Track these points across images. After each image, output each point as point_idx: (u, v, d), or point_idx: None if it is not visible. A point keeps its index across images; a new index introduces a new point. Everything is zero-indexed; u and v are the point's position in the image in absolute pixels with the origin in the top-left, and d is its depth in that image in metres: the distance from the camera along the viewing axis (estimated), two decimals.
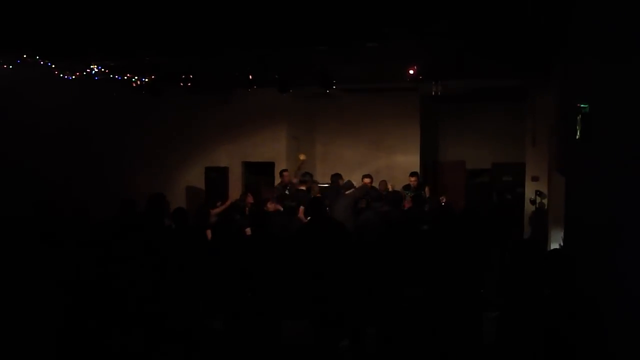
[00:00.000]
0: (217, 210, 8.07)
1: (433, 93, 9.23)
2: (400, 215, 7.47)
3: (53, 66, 8.32)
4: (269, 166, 11.91)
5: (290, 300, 5.51)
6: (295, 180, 9.97)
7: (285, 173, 9.85)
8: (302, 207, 8.04)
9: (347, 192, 9.00)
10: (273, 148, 11.90)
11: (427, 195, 9.67)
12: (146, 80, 9.50)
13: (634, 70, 2.55)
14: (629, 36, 2.68)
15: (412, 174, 9.84)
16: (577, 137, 4.00)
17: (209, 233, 6.99)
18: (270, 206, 7.89)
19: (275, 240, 5.84)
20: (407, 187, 9.69)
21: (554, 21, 5.57)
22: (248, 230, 7.02)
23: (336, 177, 9.47)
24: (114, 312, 5.38)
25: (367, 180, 9.39)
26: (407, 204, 8.27)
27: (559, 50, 6.63)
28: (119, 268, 5.57)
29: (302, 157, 10.30)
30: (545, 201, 9.82)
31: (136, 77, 9.43)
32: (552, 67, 7.82)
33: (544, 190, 9.86)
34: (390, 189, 9.60)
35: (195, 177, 12.51)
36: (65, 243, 5.81)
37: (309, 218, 6.76)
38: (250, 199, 8.64)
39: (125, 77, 9.36)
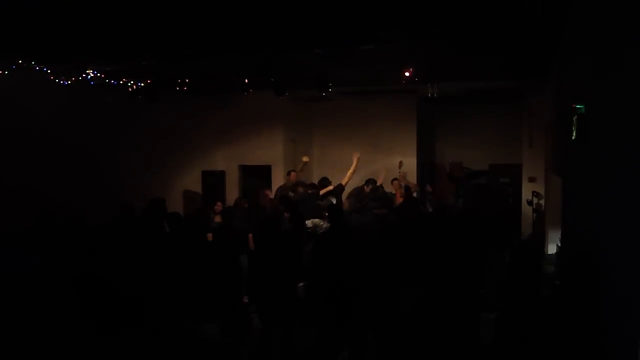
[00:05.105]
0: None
1: (430, 95, 9.24)
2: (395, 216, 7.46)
3: (49, 71, 8.29)
4: (266, 169, 11.90)
5: (291, 305, 5.48)
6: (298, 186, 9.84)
7: (292, 173, 9.88)
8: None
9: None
10: (270, 151, 11.90)
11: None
12: (142, 84, 9.48)
13: (629, 70, 2.56)
14: (623, 36, 2.68)
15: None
16: (573, 137, 4.00)
17: (210, 236, 6.95)
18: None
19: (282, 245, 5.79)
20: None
21: (550, 22, 5.58)
22: (250, 237, 7.00)
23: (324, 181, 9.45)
24: (111, 314, 5.35)
25: None
26: (399, 198, 8.38)
27: (555, 51, 6.64)
28: (116, 271, 5.55)
29: (305, 159, 10.36)
30: (542, 202, 9.83)
31: (132, 82, 9.42)
32: (548, 68, 7.83)
33: (541, 191, 9.87)
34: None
35: (192, 181, 12.50)
36: (64, 248, 5.79)
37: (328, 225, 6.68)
38: (245, 204, 8.58)
39: (122, 82, 9.35)
